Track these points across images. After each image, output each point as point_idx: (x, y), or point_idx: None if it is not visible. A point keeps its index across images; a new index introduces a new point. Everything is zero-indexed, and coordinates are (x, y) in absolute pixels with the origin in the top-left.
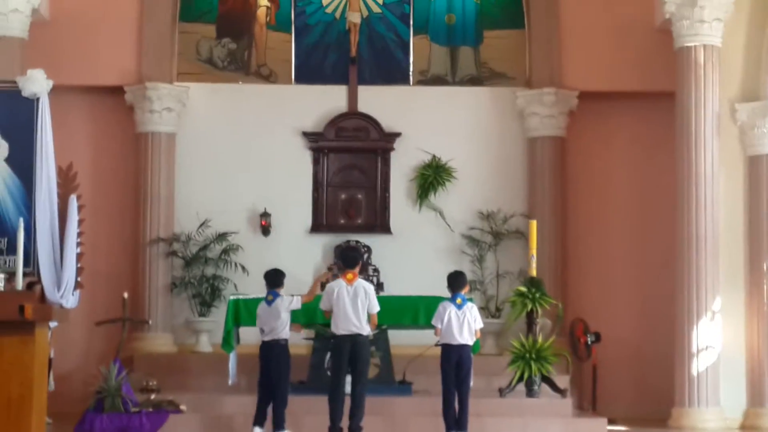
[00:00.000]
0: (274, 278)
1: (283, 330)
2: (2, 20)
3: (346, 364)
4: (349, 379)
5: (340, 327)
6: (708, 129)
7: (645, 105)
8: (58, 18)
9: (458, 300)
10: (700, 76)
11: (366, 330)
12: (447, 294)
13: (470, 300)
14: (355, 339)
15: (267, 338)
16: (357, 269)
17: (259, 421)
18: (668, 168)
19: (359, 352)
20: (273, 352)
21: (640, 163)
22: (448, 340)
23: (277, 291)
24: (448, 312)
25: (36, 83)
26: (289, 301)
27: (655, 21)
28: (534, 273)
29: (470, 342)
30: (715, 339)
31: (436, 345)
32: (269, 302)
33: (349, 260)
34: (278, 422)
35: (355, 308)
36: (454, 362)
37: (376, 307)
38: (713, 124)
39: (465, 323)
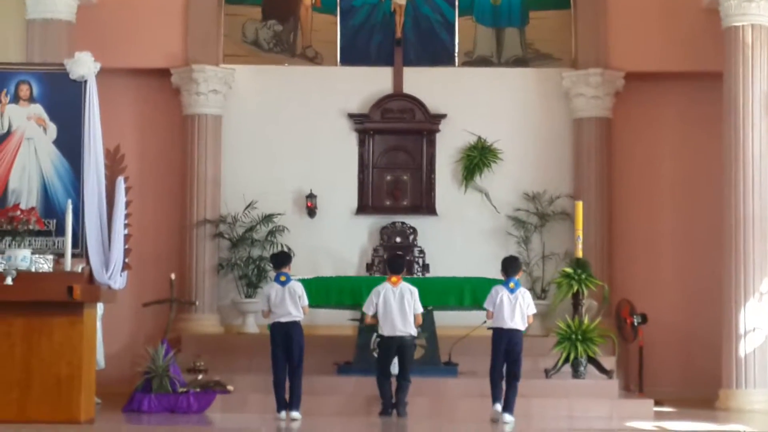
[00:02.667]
0: (283, 259)
1: (299, 310)
2: (50, 4)
3: (392, 360)
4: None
5: (387, 328)
6: (756, 109)
7: (692, 85)
8: (105, 1)
9: (511, 284)
10: (747, 56)
11: (412, 330)
12: (492, 275)
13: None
14: (401, 339)
15: (284, 319)
16: (402, 274)
17: (285, 404)
18: (715, 149)
19: (405, 352)
20: (293, 332)
21: (686, 143)
22: (499, 323)
23: (287, 272)
24: (501, 295)
25: (83, 66)
26: (302, 290)
27: (702, 0)
28: (580, 254)
29: (521, 327)
30: (762, 320)
31: (488, 328)
32: (282, 283)
33: (396, 266)
34: (298, 402)
35: (401, 310)
36: (504, 347)
37: (420, 308)
38: (761, 103)
39: (517, 308)
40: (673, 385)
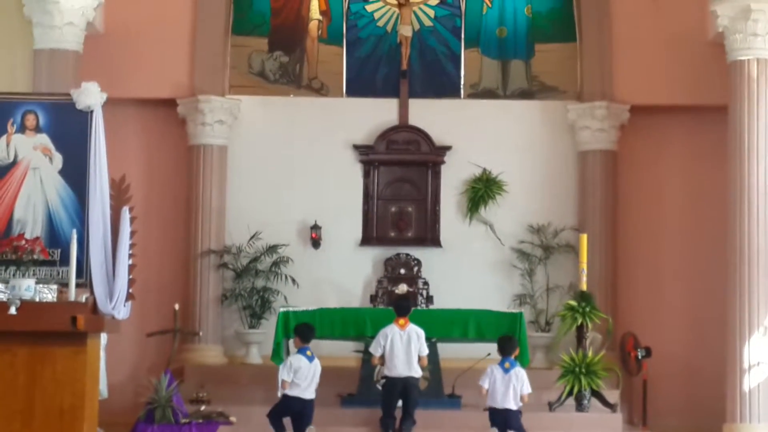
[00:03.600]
0: (310, 334)
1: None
2: (57, 34)
3: (396, 401)
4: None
5: (392, 370)
6: (761, 142)
7: (697, 119)
8: (112, 31)
9: (506, 364)
10: (753, 90)
11: (417, 372)
12: (497, 307)
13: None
14: (406, 380)
15: (306, 396)
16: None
17: None
18: (720, 182)
19: (410, 393)
20: (307, 406)
21: (691, 177)
22: (492, 403)
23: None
24: (495, 375)
25: (90, 96)
26: (320, 368)
27: (708, 34)
28: (584, 287)
29: (514, 407)
30: (767, 355)
31: (483, 409)
32: (310, 358)
33: (402, 309)
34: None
35: (407, 353)
36: (501, 424)
37: (426, 351)
38: (766, 137)
39: (510, 388)
40: (677, 418)
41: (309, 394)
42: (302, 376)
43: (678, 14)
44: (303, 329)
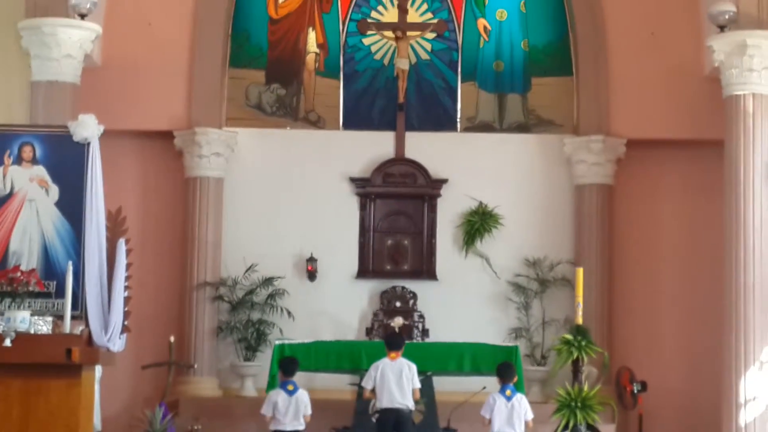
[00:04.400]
0: (294, 368)
1: (301, 421)
2: (55, 66)
3: None
4: None
5: (385, 401)
6: (757, 177)
7: (693, 153)
8: (109, 63)
9: (508, 392)
10: (749, 125)
11: (410, 403)
12: (492, 341)
13: (520, 391)
14: (399, 412)
15: (289, 428)
16: (401, 351)
17: None
18: (716, 216)
19: (403, 425)
20: None
21: (687, 211)
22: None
23: (295, 381)
24: (497, 403)
25: (87, 128)
26: (308, 399)
27: (704, 69)
28: (580, 321)
29: None
30: (763, 389)
31: None
32: (290, 392)
33: (394, 344)
34: None
35: (399, 384)
36: None
37: (418, 384)
38: (762, 172)
39: (514, 415)
40: None
41: (293, 426)
42: (281, 410)
43: (674, 49)
44: (284, 363)
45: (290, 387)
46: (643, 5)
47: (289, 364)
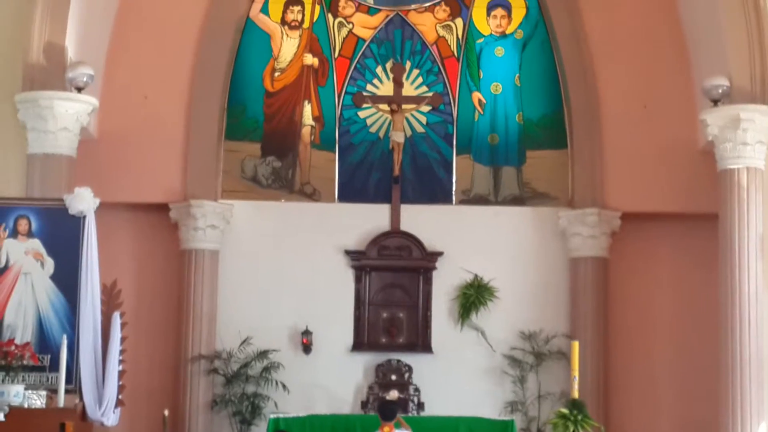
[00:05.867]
0: None
1: None
2: (51, 139)
3: None
4: None
5: None
6: (752, 251)
7: (688, 226)
8: (105, 136)
9: None
10: (743, 199)
11: None
12: (487, 414)
13: None
14: None
15: None
16: (394, 422)
17: None
18: (712, 290)
19: None
20: None
21: (683, 284)
22: None
23: None
24: None
25: (83, 201)
26: None
27: (698, 143)
28: (576, 394)
29: None
30: None
31: None
32: None
33: (387, 414)
34: None
35: None
36: None
37: None
38: (757, 245)
39: None
40: None
41: None
42: None
43: (668, 123)
44: None
45: None
46: (637, 79)
47: None
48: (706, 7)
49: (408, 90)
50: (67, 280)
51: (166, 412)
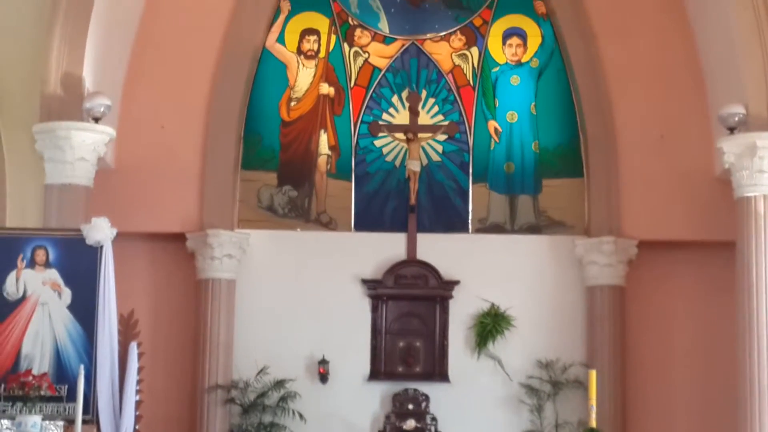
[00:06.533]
0: None
1: None
2: (69, 169)
3: None
4: None
5: None
6: None
7: (705, 254)
8: (122, 166)
9: None
10: (760, 226)
11: None
12: None
13: None
14: None
15: None
16: None
17: None
18: (729, 318)
19: None
20: None
21: (700, 312)
22: None
23: None
24: None
25: (100, 232)
26: None
27: (715, 170)
28: (593, 424)
29: None
30: None
31: None
32: None
33: None
34: None
35: None
36: None
37: None
38: None
39: None
40: None
41: None
42: None
43: (685, 150)
44: None
45: None
46: (653, 107)
47: None
48: (722, 35)
49: (424, 119)
50: (84, 310)
51: None
